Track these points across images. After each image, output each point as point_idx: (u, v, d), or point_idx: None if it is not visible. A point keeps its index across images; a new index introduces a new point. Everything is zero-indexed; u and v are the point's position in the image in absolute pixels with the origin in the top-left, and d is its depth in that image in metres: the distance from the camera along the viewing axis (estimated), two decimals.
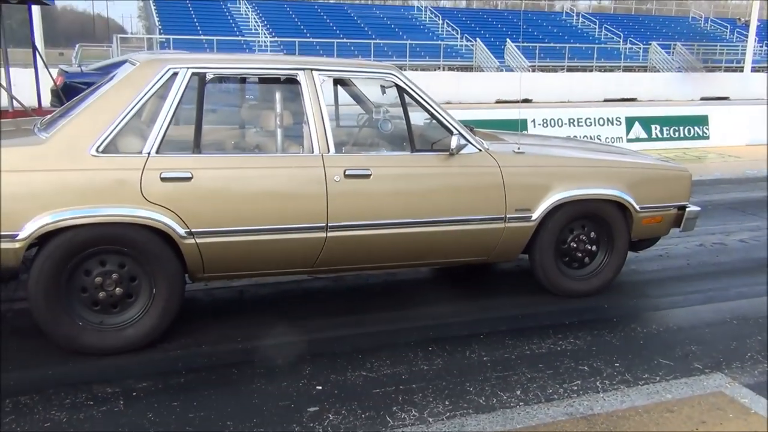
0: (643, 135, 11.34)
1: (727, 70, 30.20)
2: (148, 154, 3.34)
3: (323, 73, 3.76)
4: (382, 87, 4.15)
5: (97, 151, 3.27)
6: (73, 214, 3.18)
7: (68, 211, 3.18)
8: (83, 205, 3.20)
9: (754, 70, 27.71)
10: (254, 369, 3.31)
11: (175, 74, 3.47)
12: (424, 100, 3.92)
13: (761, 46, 32.60)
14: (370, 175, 3.68)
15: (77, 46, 24.56)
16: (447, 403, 3.02)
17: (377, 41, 27.55)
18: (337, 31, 29.15)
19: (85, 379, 3.15)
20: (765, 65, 31.42)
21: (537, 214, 4.04)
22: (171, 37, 24.66)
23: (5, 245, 3.13)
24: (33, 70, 7.98)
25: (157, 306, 3.43)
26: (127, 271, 3.37)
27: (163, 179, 3.32)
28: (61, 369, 3.25)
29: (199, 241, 3.40)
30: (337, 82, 4.44)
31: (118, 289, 3.36)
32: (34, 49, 8.17)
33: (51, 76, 8.82)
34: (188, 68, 3.50)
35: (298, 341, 3.64)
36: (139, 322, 3.42)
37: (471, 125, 4.42)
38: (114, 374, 3.21)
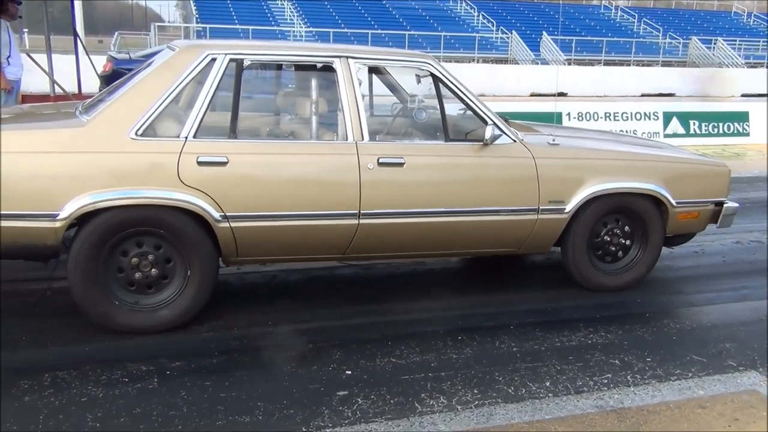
0: (681, 131, 11.16)
1: None
2: (186, 138, 3.39)
3: (359, 60, 3.78)
4: (418, 76, 4.15)
5: (136, 134, 3.32)
6: (112, 195, 3.25)
7: (107, 193, 3.24)
8: (121, 187, 3.26)
9: None
10: (285, 352, 3.34)
11: (213, 60, 3.51)
12: (459, 89, 3.91)
13: None
14: (404, 163, 3.69)
15: (116, 33, 24.91)
16: (476, 391, 3.03)
17: (412, 33, 27.44)
18: (372, 23, 29.12)
19: (120, 357, 3.22)
20: None
21: (570, 206, 4.00)
22: (207, 26, 24.88)
23: (46, 224, 3.21)
24: (74, 56, 8.13)
25: (191, 288, 3.48)
26: (163, 253, 3.43)
27: (200, 163, 3.37)
28: (97, 346, 3.33)
29: (233, 225, 3.45)
30: (373, 70, 4.44)
31: (153, 270, 3.42)
32: (75, 35, 8.31)
33: (92, 63, 8.96)
34: (226, 54, 3.54)
35: (328, 327, 3.67)
36: (173, 303, 3.48)
37: (506, 117, 4.39)
38: (148, 353, 3.27)
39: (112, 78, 8.84)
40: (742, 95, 23.15)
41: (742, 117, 11.72)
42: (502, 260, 4.91)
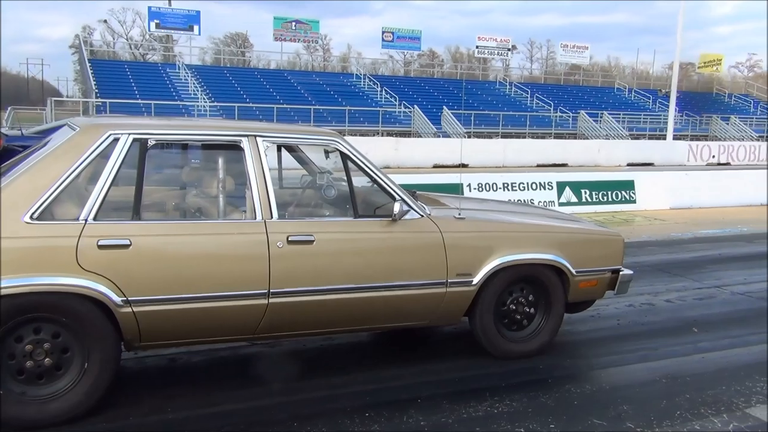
0: (574, 199, 11.77)
1: (651, 137, 31.81)
2: (85, 221, 3.29)
3: (267, 139, 3.81)
4: (326, 152, 4.22)
5: (31, 217, 3.20)
6: (2, 283, 3.07)
7: None
8: (14, 274, 3.10)
9: (675, 137, 29.30)
10: None
11: (116, 140, 3.45)
12: (367, 166, 4.00)
13: (681, 115, 34.57)
14: (314, 240, 3.71)
15: (9, 108, 24.03)
16: None
17: (317, 107, 27.97)
18: (277, 97, 29.48)
19: None
20: (686, 133, 33.29)
21: (478, 278, 4.11)
22: (108, 101, 24.44)
23: None
24: None
25: (87, 381, 3.31)
26: (61, 342, 3.26)
27: (100, 246, 3.27)
28: None
29: (136, 309, 3.34)
30: (281, 147, 4.49)
31: (47, 359, 3.24)
32: None
33: None
34: (129, 134, 3.48)
35: (232, 410, 3.56)
36: (64, 396, 3.28)
37: (413, 189, 4.52)
38: None
39: (1, 155, 8.48)
40: (628, 164, 24.80)
41: (629, 185, 12.52)
42: (411, 331, 4.95)
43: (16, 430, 3.19)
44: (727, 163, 27.39)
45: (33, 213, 3.21)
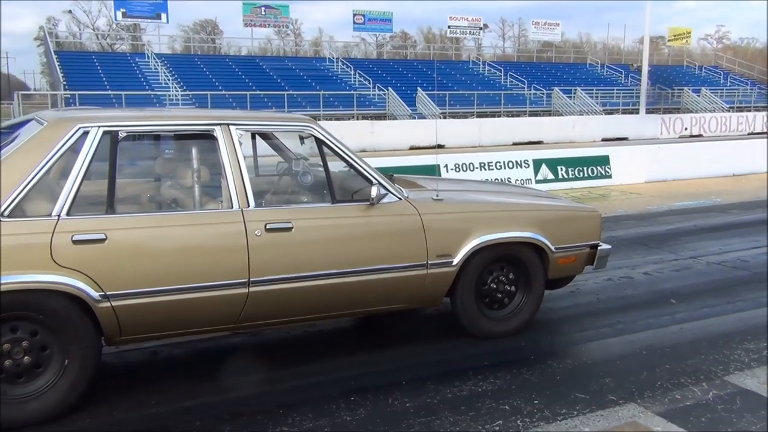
0: (551, 176, 11.85)
1: (624, 112, 32.04)
2: (59, 216, 3.24)
3: (240, 127, 3.78)
4: (301, 138, 4.19)
5: (2, 215, 3.14)
6: None
7: None
8: None
9: (648, 111, 29.55)
10: None
11: (86, 133, 3.39)
12: (342, 151, 3.98)
13: (653, 89, 34.84)
14: (292, 228, 3.69)
15: None
16: None
17: (291, 92, 27.74)
18: (250, 84, 29.16)
19: None
20: (658, 106, 33.59)
21: (458, 259, 4.12)
22: (77, 93, 24.00)
23: None
24: None
25: (67, 378, 3.27)
26: (39, 340, 3.22)
27: (75, 242, 3.22)
28: None
29: (114, 304, 3.30)
30: (255, 135, 4.44)
31: (26, 358, 3.20)
32: None
33: None
34: (99, 127, 3.43)
35: (216, 401, 3.55)
36: (44, 395, 3.24)
37: (390, 173, 4.51)
38: None
39: None
40: (603, 140, 24.99)
41: (604, 161, 12.62)
42: (393, 315, 4.96)
43: None
44: (699, 135, 27.72)
45: (4, 210, 3.15)
